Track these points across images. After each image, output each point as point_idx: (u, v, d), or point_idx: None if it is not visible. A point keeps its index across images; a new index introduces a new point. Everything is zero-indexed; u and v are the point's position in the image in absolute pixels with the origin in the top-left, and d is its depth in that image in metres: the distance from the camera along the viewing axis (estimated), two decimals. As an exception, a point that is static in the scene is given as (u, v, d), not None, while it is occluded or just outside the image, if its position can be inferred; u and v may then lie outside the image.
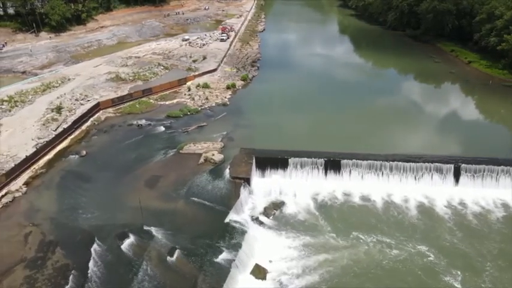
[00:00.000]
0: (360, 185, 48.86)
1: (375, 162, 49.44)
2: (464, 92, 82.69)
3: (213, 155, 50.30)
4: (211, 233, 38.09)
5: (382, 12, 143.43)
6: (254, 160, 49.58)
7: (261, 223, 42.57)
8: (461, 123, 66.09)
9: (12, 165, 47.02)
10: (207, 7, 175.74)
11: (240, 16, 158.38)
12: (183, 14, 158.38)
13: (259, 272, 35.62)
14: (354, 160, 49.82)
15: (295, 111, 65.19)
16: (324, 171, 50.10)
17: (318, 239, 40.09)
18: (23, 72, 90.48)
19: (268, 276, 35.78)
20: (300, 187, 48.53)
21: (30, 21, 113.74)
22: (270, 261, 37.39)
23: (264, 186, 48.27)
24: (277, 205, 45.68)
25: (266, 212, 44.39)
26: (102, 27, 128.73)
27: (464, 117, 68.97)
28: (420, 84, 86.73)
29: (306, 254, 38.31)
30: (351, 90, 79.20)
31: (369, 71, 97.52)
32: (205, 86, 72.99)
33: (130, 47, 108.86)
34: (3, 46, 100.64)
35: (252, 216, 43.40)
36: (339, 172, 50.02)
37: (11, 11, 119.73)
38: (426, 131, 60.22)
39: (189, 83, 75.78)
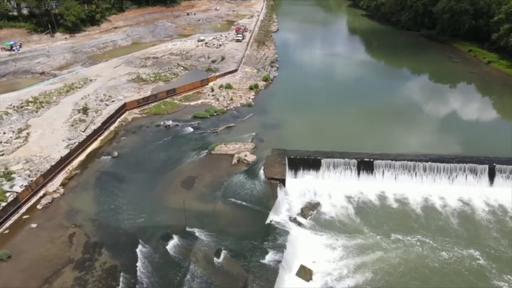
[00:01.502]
0: (393, 185, 48.75)
1: (408, 162, 49.29)
2: (490, 92, 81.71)
3: (246, 155, 50.23)
4: (254, 234, 38.04)
5: (394, 12, 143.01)
6: (287, 161, 49.48)
7: (299, 224, 42.48)
8: (492, 123, 65.43)
9: (48, 166, 47.13)
10: (217, 8, 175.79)
11: (252, 17, 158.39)
12: (194, 14, 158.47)
13: (305, 273, 35.56)
14: (386, 161, 49.58)
15: (320, 111, 65.15)
16: (356, 172, 49.97)
17: (359, 240, 39.95)
18: (42, 73, 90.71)
19: (313, 277, 35.57)
20: (333, 188, 48.50)
21: (45, 22, 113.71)
22: (314, 262, 37.25)
23: (298, 187, 48.21)
24: (314, 206, 45.57)
25: (303, 212, 44.29)
26: (115, 27, 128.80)
27: (494, 118, 68.19)
28: (444, 85, 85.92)
29: (349, 255, 38.19)
30: (375, 89, 79.01)
31: (390, 70, 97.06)
32: (228, 86, 72.94)
33: (145, 48, 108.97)
34: (20, 47, 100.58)
35: (290, 217, 43.34)
36: (372, 173, 49.89)
37: (24, 11, 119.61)
38: (457, 131, 59.85)
39: (211, 84, 75.74)
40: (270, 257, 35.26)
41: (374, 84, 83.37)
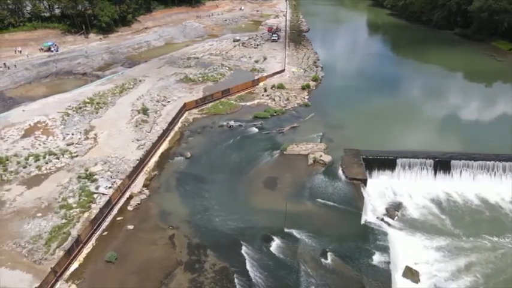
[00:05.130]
0: (472, 186, 48.26)
1: (487, 162, 48.77)
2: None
3: (321, 156, 49.97)
4: (353, 235, 37.80)
5: (424, 11, 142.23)
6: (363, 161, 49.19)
7: (389, 224, 42.02)
8: None
9: (125, 167, 47.04)
10: (242, 8, 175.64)
11: (277, 16, 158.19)
12: (222, 14, 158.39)
13: (411, 274, 35.20)
14: (464, 161, 49.13)
15: (379, 109, 65.01)
16: (433, 172, 49.50)
17: (454, 241, 39.52)
18: (83, 74, 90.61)
19: (420, 278, 35.20)
20: (411, 188, 48.13)
21: (79, 23, 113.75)
22: (416, 263, 36.85)
23: (375, 187, 47.82)
24: (397, 206, 45.19)
25: (389, 213, 43.92)
26: (146, 28, 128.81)
27: None
28: (500, 84, 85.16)
29: (448, 256, 37.78)
30: (428, 88, 78.83)
31: (436, 69, 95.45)
32: (281, 86, 72.68)
33: (178, 48, 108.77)
34: (58, 48, 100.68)
35: (377, 218, 42.90)
36: (449, 173, 49.47)
37: (56, 12, 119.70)
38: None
39: (261, 84, 75.49)
40: (377, 258, 34.95)
41: (425, 82, 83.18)
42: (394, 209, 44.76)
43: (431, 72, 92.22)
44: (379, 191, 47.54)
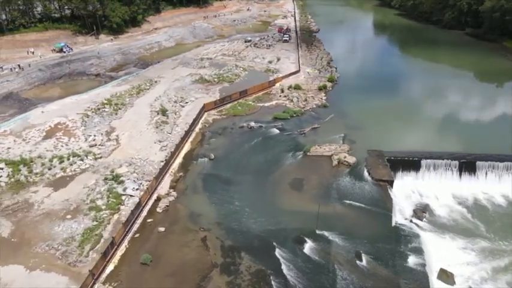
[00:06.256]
0: (498, 187, 48.03)
1: (512, 163, 48.48)
2: None
3: (345, 157, 49.81)
4: (385, 237, 37.64)
5: (434, 11, 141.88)
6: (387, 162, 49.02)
7: (418, 226, 41.82)
8: None
9: (150, 168, 47.04)
10: (249, 8, 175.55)
11: (285, 17, 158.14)
12: (231, 15, 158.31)
13: (447, 277, 34.96)
14: (489, 162, 48.90)
15: (398, 111, 64.95)
16: (458, 173, 49.28)
17: (485, 243, 39.24)
18: (97, 75, 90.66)
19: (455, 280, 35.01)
20: (436, 189, 47.88)
21: (89, 24, 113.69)
22: (449, 265, 36.62)
23: (400, 188, 47.60)
24: (424, 208, 44.93)
25: (417, 214, 43.66)
26: (155, 28, 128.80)
27: None
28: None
29: (481, 258, 37.53)
30: (447, 88, 78.88)
31: (449, 70, 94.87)
32: (297, 87, 72.56)
33: (189, 49, 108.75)
34: (71, 49, 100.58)
35: (405, 219, 42.70)
36: (474, 174, 49.21)
37: (66, 12, 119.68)
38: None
39: (277, 85, 75.36)
40: (412, 261, 34.82)
41: (439, 83, 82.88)
42: (422, 211, 44.50)
43: (444, 72, 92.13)
44: (405, 192, 47.31)
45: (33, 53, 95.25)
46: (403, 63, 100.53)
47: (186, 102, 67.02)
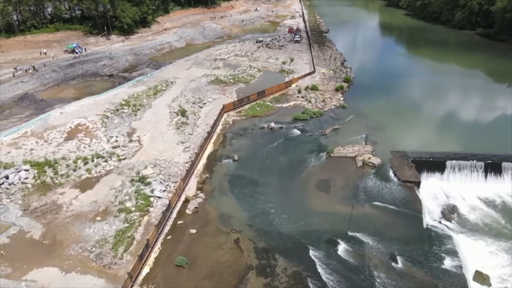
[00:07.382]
0: (525, 188, 47.72)
1: (538, 164, 48.25)
2: None
3: (369, 158, 49.64)
4: (418, 238, 37.57)
5: (443, 11, 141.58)
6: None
7: (448, 227, 41.63)
8: None
9: (176, 170, 46.95)
10: (257, 8, 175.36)
11: (293, 17, 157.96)
12: (240, 15, 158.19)
13: (483, 279, 34.76)
14: (516, 163, 48.65)
15: (417, 111, 64.80)
16: (483, 174, 49.09)
17: (517, 245, 39.00)
18: (110, 76, 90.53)
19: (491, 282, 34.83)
20: (462, 190, 47.69)
21: (101, 24, 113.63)
22: (483, 267, 36.43)
23: (426, 189, 47.42)
24: (452, 209, 44.72)
25: (445, 216, 43.48)
26: (165, 29, 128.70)
27: None
28: None
29: (514, 259, 37.24)
30: (464, 88, 78.98)
31: (462, 70, 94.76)
32: (314, 88, 72.41)
33: (200, 49, 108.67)
34: (84, 50, 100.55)
35: (435, 220, 42.52)
36: (500, 175, 49.01)
37: (77, 13, 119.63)
38: None
39: (293, 85, 75.23)
40: (448, 263, 34.60)
41: (458, 82, 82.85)
42: (450, 212, 44.30)
43: (458, 72, 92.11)
44: (431, 193, 47.13)
45: (45, 53, 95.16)
46: (416, 64, 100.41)
47: (204, 103, 66.86)
